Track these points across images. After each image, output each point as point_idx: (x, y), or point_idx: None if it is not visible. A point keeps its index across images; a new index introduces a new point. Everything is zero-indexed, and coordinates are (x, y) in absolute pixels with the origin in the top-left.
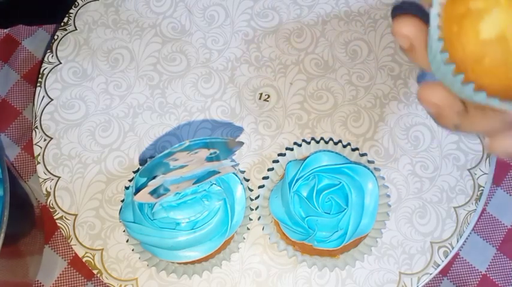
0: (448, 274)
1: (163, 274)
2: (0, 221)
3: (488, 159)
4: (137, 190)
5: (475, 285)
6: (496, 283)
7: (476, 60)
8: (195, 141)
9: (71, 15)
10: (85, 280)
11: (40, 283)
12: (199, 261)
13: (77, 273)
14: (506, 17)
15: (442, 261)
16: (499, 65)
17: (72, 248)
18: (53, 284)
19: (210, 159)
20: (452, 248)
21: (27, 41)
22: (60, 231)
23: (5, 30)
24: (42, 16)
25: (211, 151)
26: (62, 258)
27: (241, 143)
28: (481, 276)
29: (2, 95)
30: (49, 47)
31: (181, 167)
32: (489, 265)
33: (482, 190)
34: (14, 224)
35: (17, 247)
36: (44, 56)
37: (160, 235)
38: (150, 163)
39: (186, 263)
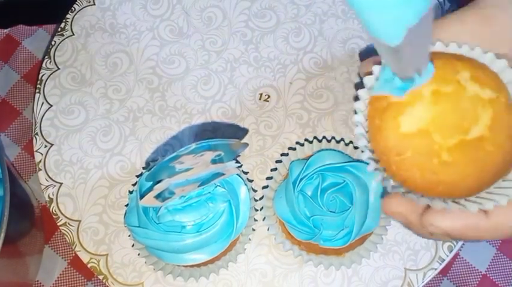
0: (448, 274)
1: (170, 278)
2: (0, 221)
3: None
4: (142, 194)
5: (475, 285)
6: (496, 283)
7: (398, 153)
8: (201, 144)
9: (67, 20)
10: (85, 280)
11: (40, 283)
12: (205, 264)
13: (77, 273)
14: (430, 111)
15: (447, 256)
16: (421, 159)
17: (72, 248)
18: (53, 284)
19: (214, 161)
20: (457, 242)
21: (27, 41)
22: (60, 231)
23: (5, 30)
24: (42, 16)
25: (216, 153)
26: (62, 258)
27: (246, 145)
28: (481, 276)
29: (2, 95)
30: (47, 52)
31: (187, 170)
32: (489, 265)
33: None
34: (14, 224)
35: (17, 247)
36: (44, 56)
37: (166, 239)
38: (156, 167)
39: (192, 266)
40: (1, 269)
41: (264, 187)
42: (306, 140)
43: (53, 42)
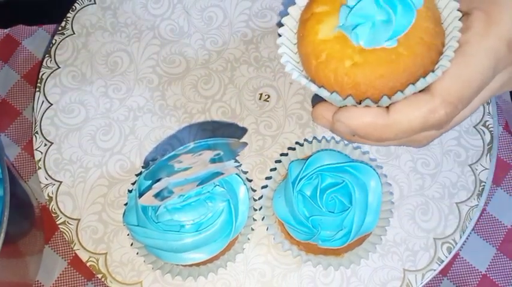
0: (448, 274)
1: (168, 277)
2: (0, 221)
3: (489, 154)
4: (141, 193)
5: (475, 285)
6: (496, 283)
7: (315, 57)
8: (199, 143)
9: (68, 19)
10: (85, 280)
11: (40, 283)
12: (204, 263)
13: (77, 273)
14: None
15: (446, 257)
16: (334, 62)
17: (72, 248)
18: (53, 284)
19: (213, 160)
20: (456, 243)
21: (27, 41)
22: (60, 231)
23: (5, 30)
24: (42, 16)
25: (215, 152)
26: (62, 258)
27: (245, 144)
28: (481, 276)
29: (2, 95)
30: (47, 51)
31: (186, 169)
32: (489, 265)
33: (484, 185)
34: (14, 224)
35: (17, 247)
36: (44, 56)
37: (164, 238)
38: (155, 166)
39: (191, 266)
40: (1, 269)
41: (263, 187)
42: (305, 140)
43: (53, 41)
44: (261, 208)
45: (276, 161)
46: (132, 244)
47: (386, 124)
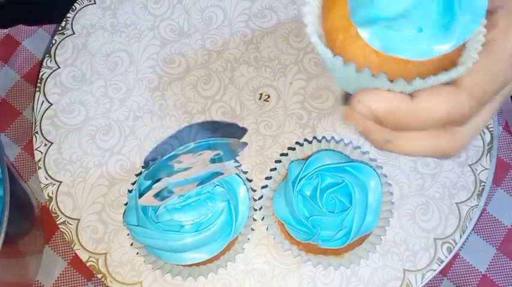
0: (448, 274)
1: (168, 277)
2: (0, 221)
3: (489, 154)
4: (141, 193)
5: (475, 285)
6: (496, 283)
7: (343, 31)
8: (200, 143)
9: (68, 19)
10: (85, 280)
11: (40, 283)
12: (204, 263)
13: (77, 273)
14: None
15: (446, 257)
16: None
17: (72, 248)
18: (53, 284)
19: (213, 160)
20: (456, 243)
21: (27, 41)
22: (60, 231)
23: (5, 30)
24: (42, 16)
25: (215, 152)
26: (62, 258)
27: (245, 144)
28: (481, 276)
29: (2, 95)
30: (47, 51)
31: (186, 169)
32: (489, 265)
33: (484, 185)
34: (14, 224)
35: (17, 247)
36: (44, 56)
37: (164, 238)
38: (155, 166)
39: (191, 266)
40: (1, 269)
41: (263, 187)
42: (305, 140)
43: (53, 41)
44: (261, 208)
45: (276, 161)
46: (132, 244)
47: (411, 109)
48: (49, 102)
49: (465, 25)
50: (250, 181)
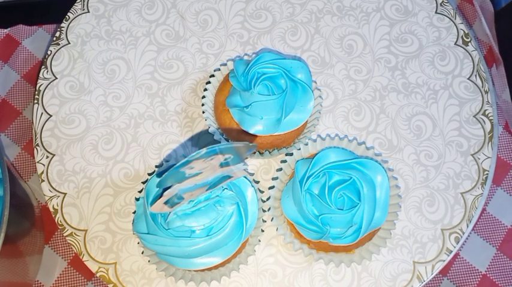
0: (448, 274)
1: (182, 283)
2: (0, 221)
3: (490, 143)
4: (152, 201)
5: (475, 285)
6: (496, 283)
7: (224, 104)
8: (212, 149)
9: (62, 29)
10: (85, 280)
11: (40, 283)
12: (216, 267)
13: (77, 273)
14: None
15: (454, 247)
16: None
17: (72, 248)
18: (53, 284)
19: (222, 164)
20: (463, 233)
21: (27, 41)
22: (60, 231)
23: (5, 30)
24: (42, 16)
25: (226, 156)
26: (62, 258)
27: (255, 146)
28: (481, 276)
29: (2, 95)
30: (43, 62)
31: (196, 174)
32: (489, 265)
33: (487, 173)
34: (14, 224)
35: (17, 247)
36: (44, 56)
37: (176, 244)
38: (167, 173)
39: (203, 270)
40: (1, 269)
41: (270, 188)
42: (309, 139)
43: (49, 52)
44: (269, 208)
45: (282, 161)
46: (142, 252)
47: None
48: (48, 113)
49: (292, 122)
50: (257, 182)
